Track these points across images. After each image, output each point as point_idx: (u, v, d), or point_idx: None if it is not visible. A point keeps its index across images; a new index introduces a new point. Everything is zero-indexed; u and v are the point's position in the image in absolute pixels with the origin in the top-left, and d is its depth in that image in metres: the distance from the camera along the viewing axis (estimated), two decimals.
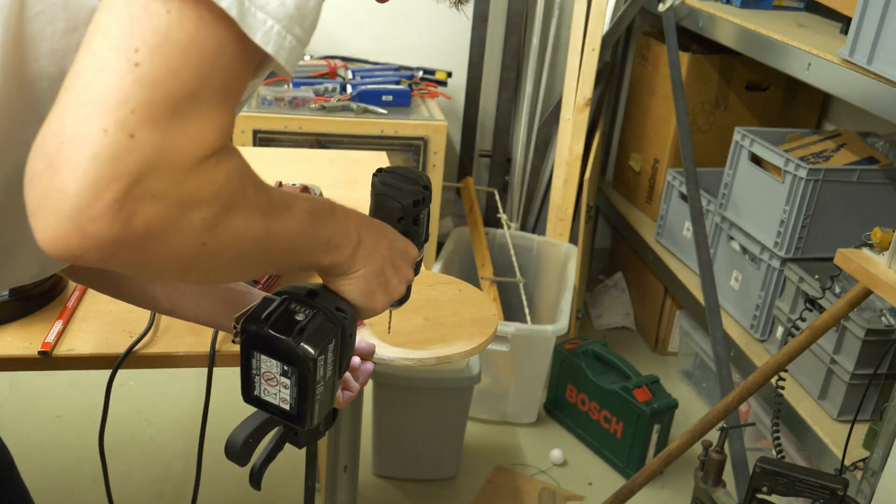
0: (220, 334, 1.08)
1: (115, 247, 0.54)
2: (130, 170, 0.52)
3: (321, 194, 1.35)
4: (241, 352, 0.80)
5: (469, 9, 2.92)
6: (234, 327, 0.88)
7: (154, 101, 0.53)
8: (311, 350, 0.76)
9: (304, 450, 1.09)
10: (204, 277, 0.63)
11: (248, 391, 0.82)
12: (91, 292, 1.17)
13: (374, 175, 0.91)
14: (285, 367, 0.78)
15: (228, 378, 2.79)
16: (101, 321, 1.12)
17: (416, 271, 0.98)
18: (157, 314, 1.12)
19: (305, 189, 1.29)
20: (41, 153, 0.53)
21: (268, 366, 0.79)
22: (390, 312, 1.04)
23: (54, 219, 0.52)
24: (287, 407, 0.80)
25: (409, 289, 1.00)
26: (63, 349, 1.06)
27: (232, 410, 2.29)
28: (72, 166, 0.52)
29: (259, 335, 0.77)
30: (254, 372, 0.80)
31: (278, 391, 0.80)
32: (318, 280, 0.84)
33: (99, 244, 0.53)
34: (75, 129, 0.52)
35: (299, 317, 0.78)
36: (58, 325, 1.09)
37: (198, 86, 0.55)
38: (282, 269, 0.73)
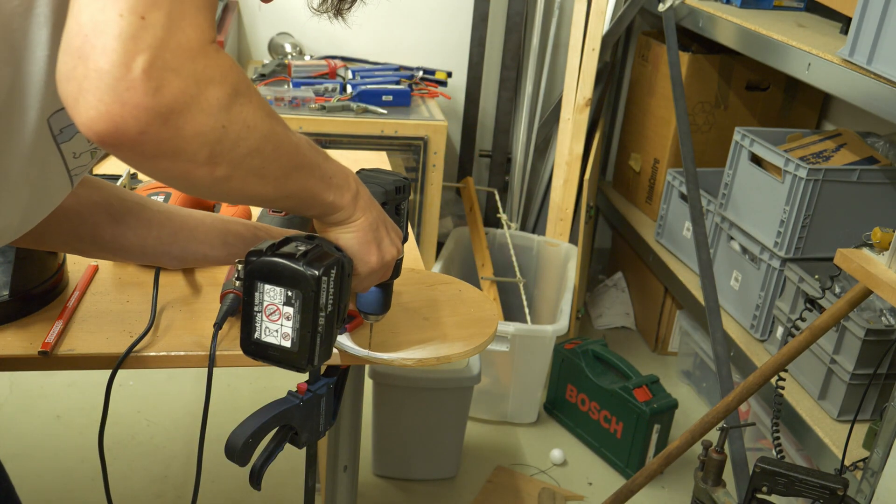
0: (220, 335, 1.08)
1: (150, 117, 0.61)
2: (149, 45, 0.60)
3: None
4: (244, 288, 0.83)
5: (469, 8, 2.93)
6: (237, 268, 0.90)
7: None
8: (315, 271, 0.79)
9: (304, 450, 1.09)
10: (229, 174, 0.69)
11: (249, 335, 0.83)
12: (91, 292, 1.17)
13: (356, 172, 0.95)
14: (289, 293, 0.80)
15: (228, 378, 2.78)
16: (101, 321, 1.12)
17: (397, 273, 0.99)
18: (156, 315, 1.12)
19: None
20: (69, 53, 0.61)
21: (271, 296, 0.81)
22: (371, 327, 1.06)
23: (95, 98, 0.60)
24: (288, 343, 0.82)
25: (390, 292, 1.02)
26: (63, 349, 1.06)
27: (232, 411, 2.29)
28: (100, 49, 0.60)
29: (264, 262, 0.80)
30: (255, 309, 0.82)
31: (280, 326, 0.82)
32: None
33: (136, 113, 0.61)
34: (94, 20, 0.60)
35: (301, 247, 0.82)
36: (58, 326, 1.09)
37: None
38: (292, 192, 0.78)
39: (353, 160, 1.88)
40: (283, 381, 2.57)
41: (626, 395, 2.26)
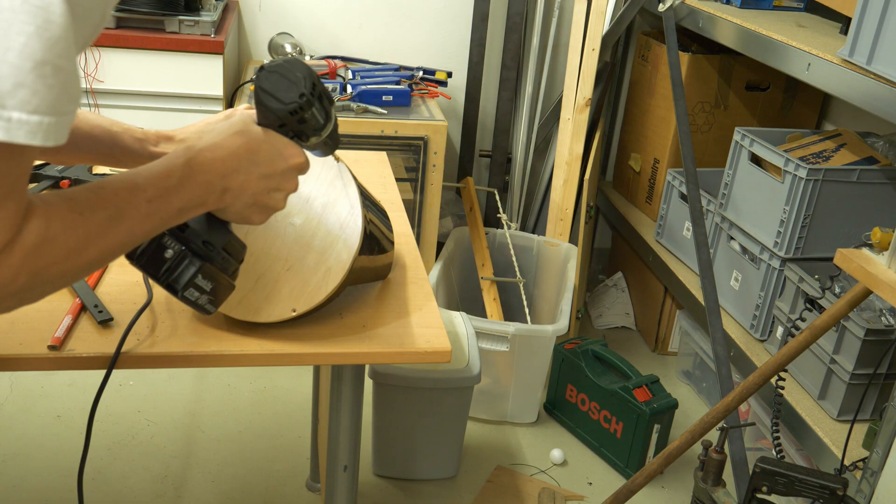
0: (220, 334, 1.08)
1: None
2: None
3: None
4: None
5: (469, 8, 2.93)
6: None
7: None
8: (175, 289, 0.92)
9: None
10: (35, 286, 0.74)
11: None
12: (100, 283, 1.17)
13: (257, 70, 0.95)
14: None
15: (228, 378, 2.76)
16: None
17: (335, 144, 1.03)
18: (155, 314, 1.12)
19: None
20: None
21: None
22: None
23: None
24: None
25: (335, 135, 1.03)
26: (63, 349, 1.06)
27: (232, 411, 2.29)
28: None
29: (139, 267, 0.92)
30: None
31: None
32: None
33: None
34: None
35: (167, 254, 0.91)
36: (67, 320, 1.09)
37: None
38: (124, 243, 0.83)
39: (354, 160, 1.89)
40: (284, 381, 2.58)
41: (626, 395, 2.26)
